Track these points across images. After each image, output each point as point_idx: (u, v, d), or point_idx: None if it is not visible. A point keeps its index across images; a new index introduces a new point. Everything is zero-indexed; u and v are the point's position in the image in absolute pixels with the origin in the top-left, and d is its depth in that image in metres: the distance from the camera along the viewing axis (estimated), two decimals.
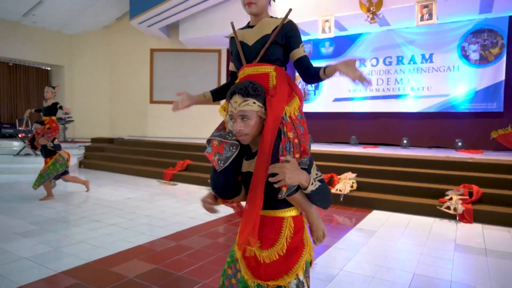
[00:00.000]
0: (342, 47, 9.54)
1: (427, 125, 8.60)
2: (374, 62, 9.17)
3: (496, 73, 7.76)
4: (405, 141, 8.37)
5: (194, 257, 3.32)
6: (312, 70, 1.48)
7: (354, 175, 5.77)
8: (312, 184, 1.29)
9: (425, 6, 7.00)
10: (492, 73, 7.80)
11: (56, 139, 5.50)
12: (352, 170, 5.96)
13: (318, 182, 1.32)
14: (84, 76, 12.56)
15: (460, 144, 7.82)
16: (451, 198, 4.82)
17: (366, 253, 3.53)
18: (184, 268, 3.07)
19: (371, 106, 9.24)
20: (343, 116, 9.68)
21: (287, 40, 1.50)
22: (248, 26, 1.62)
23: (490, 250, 3.62)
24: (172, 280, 2.84)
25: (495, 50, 7.75)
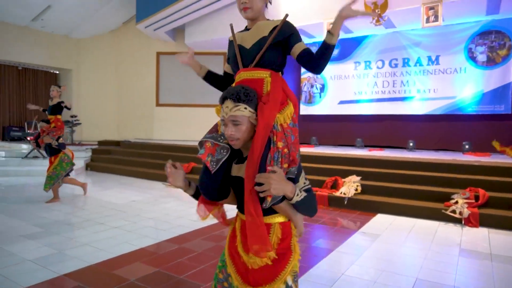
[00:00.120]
0: (347, 50, 9.51)
1: (434, 127, 8.53)
2: (380, 64, 9.13)
3: (503, 74, 7.66)
4: (411, 143, 8.30)
5: (196, 260, 3.33)
6: (318, 50, 1.44)
7: (358, 178, 5.73)
8: (297, 195, 1.29)
9: (431, 8, 6.95)
10: (499, 74, 7.71)
11: (61, 138, 5.56)
12: (356, 173, 5.92)
13: (304, 193, 1.32)
14: (91, 79, 12.70)
15: (467, 146, 7.73)
16: (457, 202, 4.76)
17: (369, 257, 3.50)
18: (186, 271, 3.07)
19: (377, 109, 9.19)
20: (349, 118, 9.64)
21: (288, 38, 1.49)
22: (246, 29, 1.62)
23: (495, 255, 3.57)
24: (173, 283, 2.85)
25: (503, 52, 7.66)
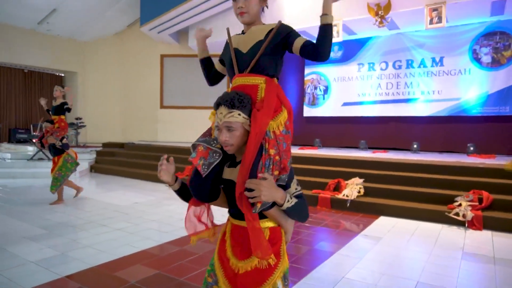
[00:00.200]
0: (351, 51, 9.50)
1: (438, 129, 8.47)
2: (384, 66, 9.09)
3: (508, 76, 7.60)
4: (415, 145, 8.26)
5: (197, 262, 3.34)
6: (318, 36, 1.42)
7: (361, 181, 5.72)
8: (288, 201, 1.30)
9: (434, 9, 6.92)
10: (504, 76, 7.64)
11: (64, 138, 5.61)
12: (359, 175, 5.90)
13: (295, 199, 1.33)
14: (96, 81, 12.80)
15: (472, 148, 7.67)
16: (460, 204, 4.72)
17: (370, 260, 3.49)
18: (186, 273, 3.08)
19: (381, 110, 9.15)
20: (353, 120, 9.61)
21: (286, 37, 1.48)
22: (243, 32, 1.62)
23: (499, 259, 3.53)
24: (173, 285, 2.86)
25: (508, 53, 7.60)
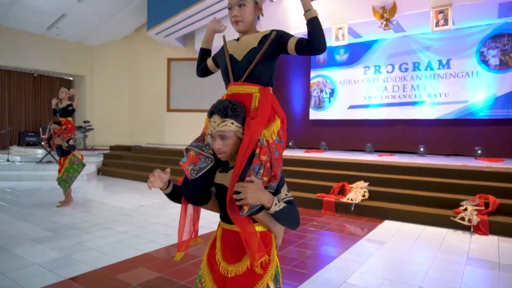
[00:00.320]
0: (357, 54, 9.47)
1: (445, 132, 8.39)
2: (390, 68, 9.05)
3: None
4: (422, 148, 8.19)
5: (198, 266, 3.34)
6: (309, 31, 1.44)
7: (366, 184, 5.69)
8: (275, 205, 1.31)
9: (440, 12, 6.87)
10: None
11: (71, 140, 5.71)
12: (364, 178, 5.87)
13: (283, 203, 1.34)
14: (104, 85, 12.96)
15: (479, 152, 7.58)
16: (466, 209, 4.67)
17: (373, 264, 3.47)
18: (187, 276, 3.10)
19: (387, 113, 9.10)
20: (359, 123, 9.57)
21: (280, 40, 1.50)
22: (238, 39, 1.65)
23: (504, 265, 3.48)
24: None
25: None
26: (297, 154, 8.20)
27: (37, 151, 10.17)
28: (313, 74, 10.27)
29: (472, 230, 4.48)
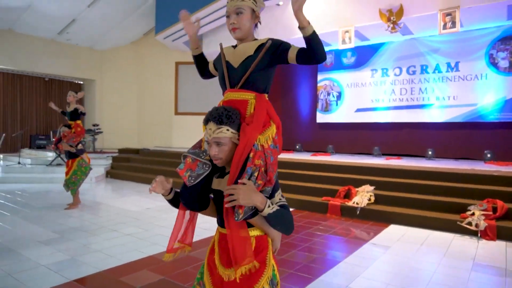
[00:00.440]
0: (364, 57, 9.44)
1: (454, 135, 8.29)
2: (398, 71, 8.99)
3: None
4: (430, 152, 8.11)
5: None
6: (307, 46, 1.45)
7: (372, 188, 5.65)
8: (269, 206, 1.31)
9: (447, 14, 6.81)
10: None
11: (80, 144, 5.81)
12: (370, 182, 5.83)
13: (277, 206, 1.35)
14: (113, 89, 13.13)
15: (489, 155, 7.48)
16: (473, 214, 4.61)
17: (376, 269, 3.44)
18: (190, 279, 3.12)
19: (395, 116, 9.03)
20: (366, 126, 9.52)
21: (278, 50, 1.51)
22: (236, 45, 1.67)
23: (511, 271, 3.43)
24: None
25: None
26: (303, 157, 8.19)
27: (47, 154, 10.33)
28: (320, 77, 10.26)
29: (479, 235, 4.41)
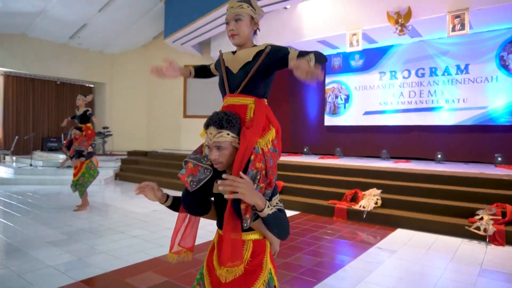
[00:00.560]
0: (372, 60, 9.39)
1: (464, 139, 8.18)
2: (406, 74, 8.92)
3: None
4: (439, 155, 8.02)
5: None
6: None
7: (378, 192, 5.61)
8: (268, 207, 1.31)
9: (456, 16, 6.75)
10: None
11: (90, 147, 5.91)
12: (377, 186, 5.80)
13: (275, 208, 1.35)
14: (123, 92, 13.30)
15: (500, 159, 7.36)
16: (482, 218, 4.54)
17: (381, 273, 3.42)
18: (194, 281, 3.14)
19: (403, 119, 8.96)
20: (374, 129, 9.46)
21: (276, 56, 1.52)
22: (235, 51, 1.69)
23: None
24: None
25: None
26: (310, 160, 8.17)
27: (58, 156, 10.50)
28: (328, 80, 10.24)
29: (488, 240, 4.35)
